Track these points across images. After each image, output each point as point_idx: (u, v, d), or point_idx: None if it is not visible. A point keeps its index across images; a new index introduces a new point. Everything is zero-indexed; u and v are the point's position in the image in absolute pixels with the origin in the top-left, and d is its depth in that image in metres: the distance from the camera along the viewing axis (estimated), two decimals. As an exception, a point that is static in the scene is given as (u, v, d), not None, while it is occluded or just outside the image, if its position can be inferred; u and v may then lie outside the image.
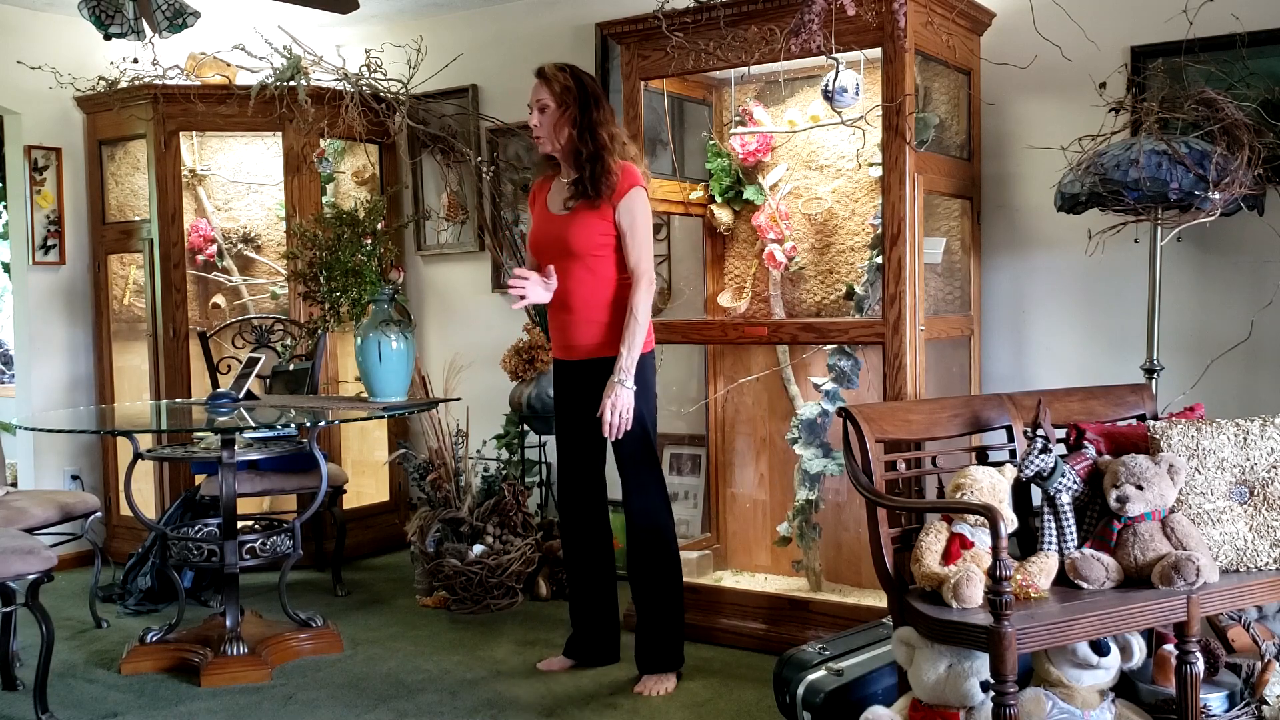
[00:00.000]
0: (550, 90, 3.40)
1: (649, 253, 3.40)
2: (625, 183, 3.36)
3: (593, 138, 3.36)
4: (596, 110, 3.38)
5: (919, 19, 3.47)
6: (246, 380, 4.19)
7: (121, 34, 3.64)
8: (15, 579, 3.26)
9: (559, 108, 3.39)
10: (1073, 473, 2.72)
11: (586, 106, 3.38)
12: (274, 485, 4.49)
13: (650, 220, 3.41)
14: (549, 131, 3.41)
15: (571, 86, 3.39)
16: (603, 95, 3.45)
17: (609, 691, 3.49)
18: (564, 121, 3.39)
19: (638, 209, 3.37)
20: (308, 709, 3.40)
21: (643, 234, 3.38)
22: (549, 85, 3.40)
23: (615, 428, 3.34)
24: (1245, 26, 3.46)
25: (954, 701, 2.57)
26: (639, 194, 3.37)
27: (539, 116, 3.42)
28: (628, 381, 3.34)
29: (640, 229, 3.37)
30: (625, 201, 3.35)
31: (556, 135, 3.41)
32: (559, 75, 3.41)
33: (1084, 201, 3.32)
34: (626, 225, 3.36)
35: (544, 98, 3.41)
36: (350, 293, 4.07)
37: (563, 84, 3.39)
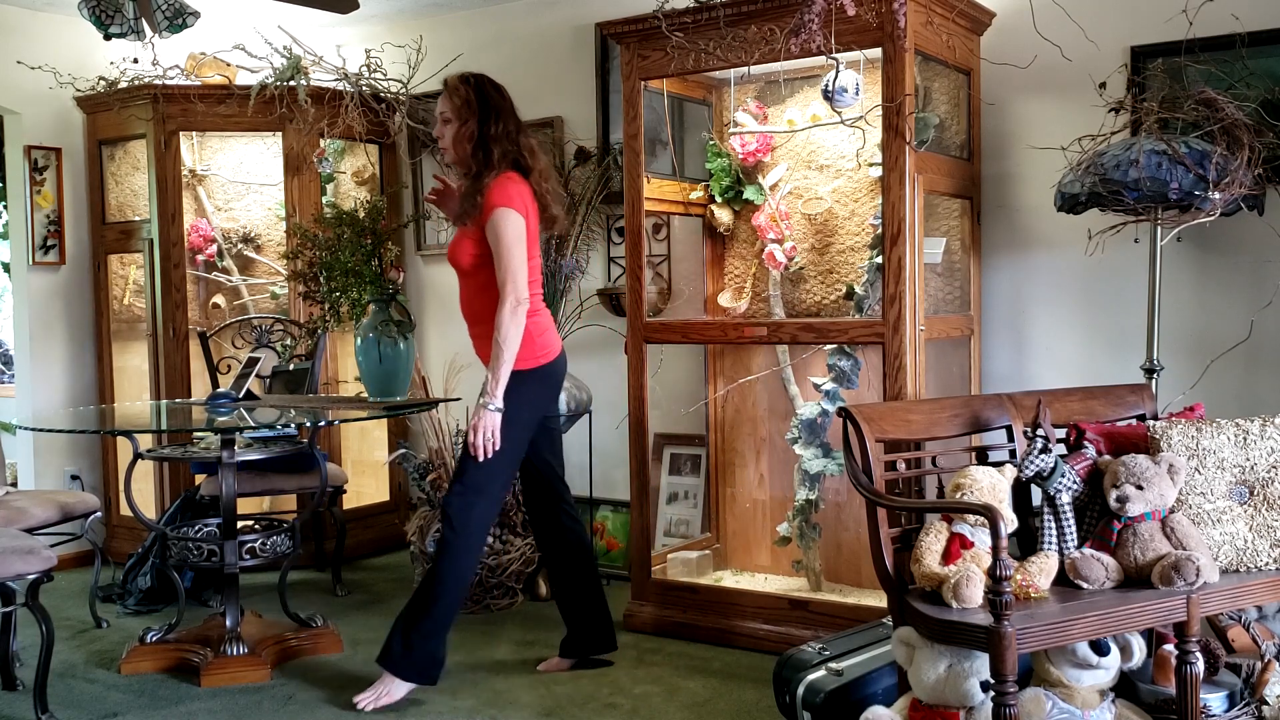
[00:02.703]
0: (450, 103, 3.37)
1: (514, 273, 3.27)
2: (489, 201, 3.29)
3: (485, 154, 3.32)
4: (495, 124, 3.33)
5: (919, 19, 3.47)
6: (246, 380, 4.19)
7: (121, 34, 3.64)
8: (15, 579, 3.25)
9: (458, 122, 3.36)
10: (1073, 473, 2.72)
11: (485, 120, 3.33)
12: (274, 485, 4.49)
13: (518, 241, 3.28)
14: (449, 145, 3.39)
15: (472, 100, 3.34)
16: (506, 108, 3.39)
17: (609, 692, 3.49)
18: (462, 136, 3.36)
19: (500, 227, 3.27)
20: (308, 709, 3.40)
21: (506, 253, 3.27)
22: (449, 98, 3.37)
23: (479, 449, 3.29)
24: (1245, 26, 3.46)
25: (954, 701, 2.57)
26: (502, 214, 3.27)
27: (441, 128, 3.40)
28: (491, 404, 3.28)
29: (504, 248, 3.27)
30: (490, 221, 3.29)
31: (456, 149, 3.39)
32: (460, 88, 3.36)
33: (1084, 201, 3.32)
34: (491, 245, 3.29)
35: (446, 111, 3.38)
36: (350, 293, 4.06)
37: (463, 97, 3.35)
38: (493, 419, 3.30)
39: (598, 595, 3.69)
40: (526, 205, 3.34)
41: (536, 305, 3.43)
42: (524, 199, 3.34)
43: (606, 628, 3.71)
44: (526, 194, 3.36)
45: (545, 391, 3.49)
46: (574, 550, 3.67)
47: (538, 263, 3.46)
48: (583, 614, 3.67)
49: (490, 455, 3.31)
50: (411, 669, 3.39)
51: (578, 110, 4.95)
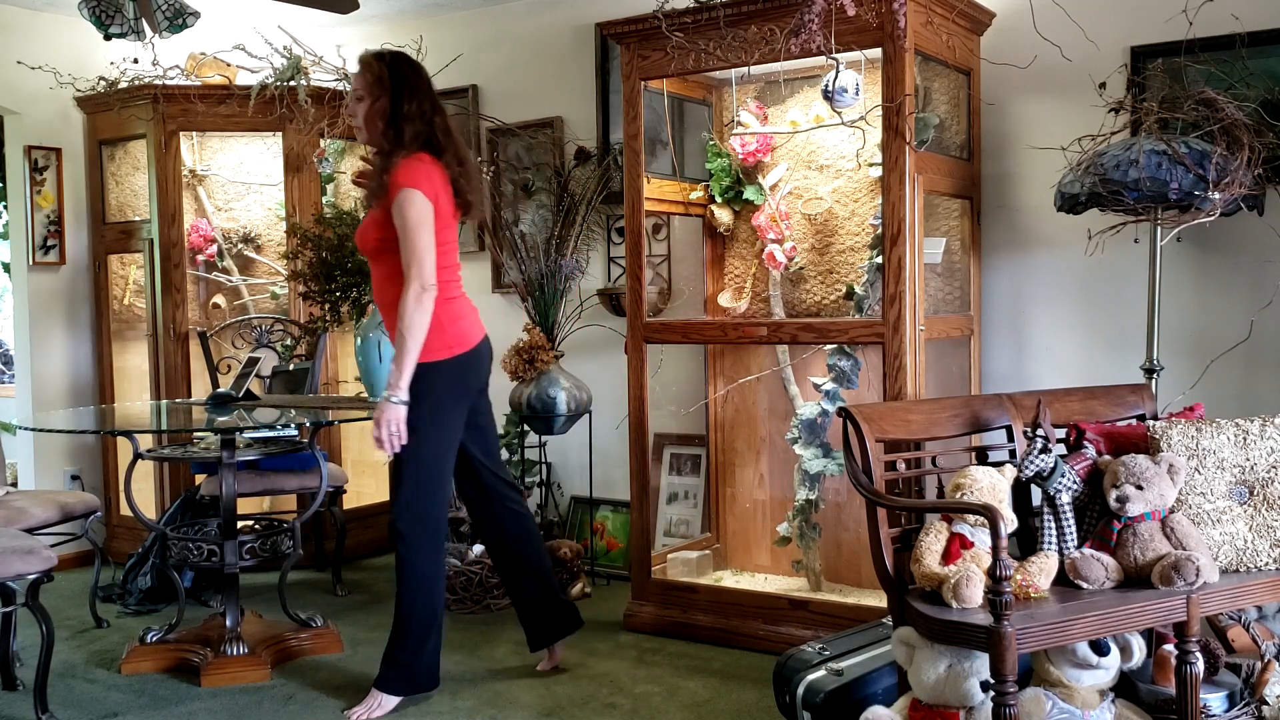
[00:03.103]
0: (363, 80, 3.24)
1: (419, 257, 3.13)
2: (394, 182, 3.16)
3: (395, 133, 3.21)
4: (407, 103, 3.20)
5: (919, 19, 3.47)
6: (246, 380, 4.19)
7: (121, 34, 3.65)
8: (15, 579, 3.25)
9: (370, 99, 3.23)
10: (1073, 473, 2.72)
11: (398, 98, 3.20)
12: (274, 485, 4.49)
13: (422, 223, 3.14)
14: (362, 123, 3.26)
15: (384, 77, 3.22)
16: (421, 87, 3.26)
17: (609, 691, 3.49)
18: (374, 113, 3.23)
19: (406, 209, 3.13)
20: (308, 709, 3.40)
21: (412, 236, 3.13)
22: (363, 75, 3.24)
23: (384, 443, 3.17)
24: (1245, 26, 3.46)
25: (954, 701, 2.57)
26: (407, 195, 3.14)
27: (354, 105, 3.27)
28: (394, 396, 3.15)
29: (410, 230, 3.13)
30: (395, 202, 3.15)
31: (370, 127, 3.26)
32: (373, 64, 3.24)
33: (1084, 201, 3.32)
34: (398, 227, 3.16)
35: (358, 87, 3.25)
36: (350, 293, 4.07)
37: (375, 74, 3.22)
38: (395, 412, 3.15)
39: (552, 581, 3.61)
40: (436, 188, 3.20)
41: (452, 292, 3.30)
42: (433, 181, 3.20)
43: (569, 609, 3.65)
44: (436, 176, 3.22)
45: (464, 384, 3.34)
46: (521, 541, 3.56)
47: (453, 248, 3.33)
48: (542, 604, 3.60)
49: (398, 449, 3.19)
50: (404, 684, 3.36)
51: (578, 110, 4.95)
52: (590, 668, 3.71)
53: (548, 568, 3.65)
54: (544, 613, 3.62)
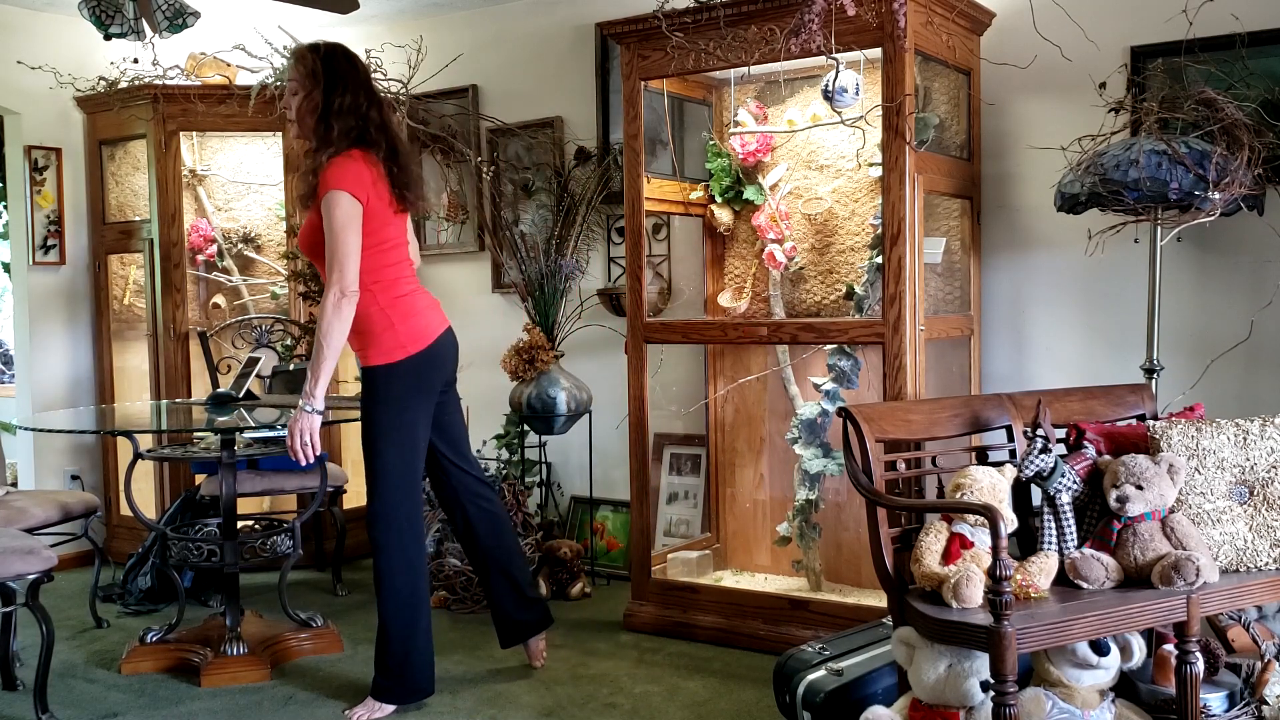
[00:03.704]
0: (296, 72, 3.14)
1: (340, 261, 3.04)
2: (322, 183, 3.08)
3: (325, 129, 3.11)
4: (340, 96, 3.10)
5: (919, 19, 3.47)
6: (246, 380, 4.19)
7: (121, 34, 3.65)
8: (15, 579, 3.25)
9: (303, 93, 3.13)
10: (1073, 473, 2.72)
11: (330, 91, 3.10)
12: (274, 485, 4.49)
13: (346, 226, 3.05)
14: (296, 117, 3.16)
15: (317, 70, 3.11)
16: (357, 80, 3.15)
17: (609, 691, 3.49)
18: (306, 108, 3.14)
19: (331, 211, 3.04)
20: (308, 709, 3.40)
21: (336, 239, 3.04)
22: (296, 68, 3.14)
23: (297, 452, 3.09)
24: (1245, 26, 3.46)
25: (954, 701, 2.57)
26: (331, 197, 3.05)
27: (289, 99, 3.17)
28: (308, 405, 3.08)
29: (334, 234, 3.04)
30: (323, 204, 3.07)
31: (302, 123, 3.17)
32: (306, 56, 3.14)
33: (1084, 201, 3.32)
34: (325, 230, 3.07)
35: (293, 80, 3.14)
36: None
37: (309, 66, 3.12)
38: (308, 421, 3.08)
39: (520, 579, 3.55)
40: (366, 186, 3.10)
41: (403, 289, 3.23)
42: (362, 179, 3.09)
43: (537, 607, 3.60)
44: (366, 174, 3.11)
45: (425, 381, 3.28)
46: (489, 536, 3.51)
47: (399, 244, 3.24)
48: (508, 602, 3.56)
49: (311, 459, 3.11)
50: (400, 694, 3.34)
51: (578, 110, 4.95)
52: (590, 668, 3.71)
53: (519, 565, 3.59)
54: (511, 611, 3.58)
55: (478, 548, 3.55)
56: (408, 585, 3.30)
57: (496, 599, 3.58)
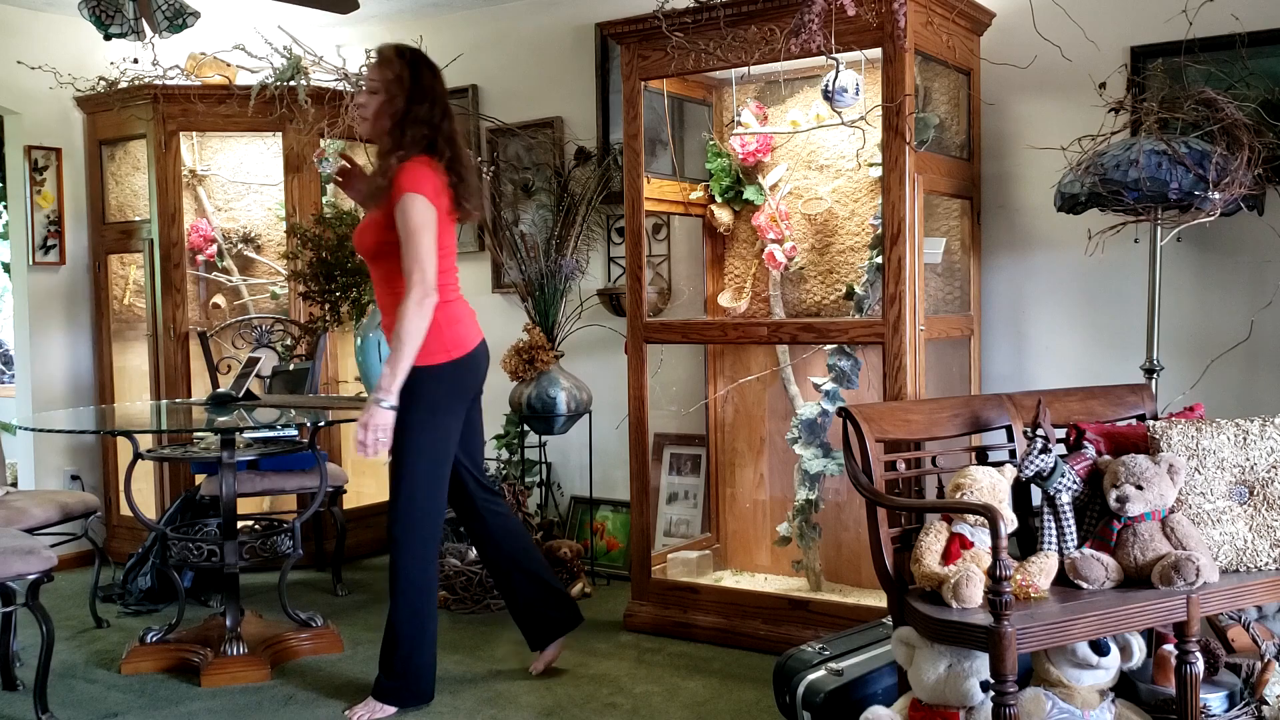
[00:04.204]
0: (381, 75, 3.21)
1: (421, 263, 3.11)
2: (399, 186, 3.14)
3: (400, 134, 3.19)
4: (420, 105, 3.19)
5: (919, 19, 3.47)
6: (246, 380, 4.19)
7: (121, 34, 3.64)
8: (15, 579, 3.25)
9: (386, 96, 3.21)
10: (1073, 473, 2.72)
11: (414, 101, 3.19)
12: (274, 485, 4.49)
13: (425, 228, 3.13)
14: (371, 116, 3.24)
15: (405, 78, 3.19)
16: (438, 93, 3.25)
17: (609, 691, 3.49)
18: (385, 111, 3.21)
19: (409, 213, 3.12)
20: (308, 709, 3.40)
21: (415, 241, 3.12)
22: (381, 70, 3.21)
23: (367, 447, 3.11)
24: (1245, 26, 3.46)
25: (954, 701, 2.57)
26: (410, 200, 3.12)
27: (366, 98, 3.24)
28: (385, 401, 3.11)
29: (412, 235, 3.12)
30: (398, 206, 3.14)
31: (376, 123, 3.24)
32: (395, 62, 3.21)
33: (1084, 201, 3.32)
34: (400, 231, 3.14)
35: (374, 80, 3.22)
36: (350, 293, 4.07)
37: (396, 73, 3.20)
38: (383, 417, 3.11)
39: (546, 577, 3.58)
40: (437, 191, 3.19)
41: (450, 295, 3.29)
42: (434, 184, 3.18)
43: (567, 604, 3.62)
44: (437, 180, 3.20)
45: (461, 387, 3.32)
46: (501, 536, 3.53)
47: (452, 251, 3.32)
48: (538, 601, 3.58)
49: (379, 455, 3.14)
50: (403, 696, 3.35)
51: (578, 110, 4.95)
52: (590, 668, 3.71)
53: (542, 563, 3.62)
54: (546, 609, 3.59)
55: (500, 554, 3.56)
56: (423, 588, 3.31)
57: (526, 601, 3.58)
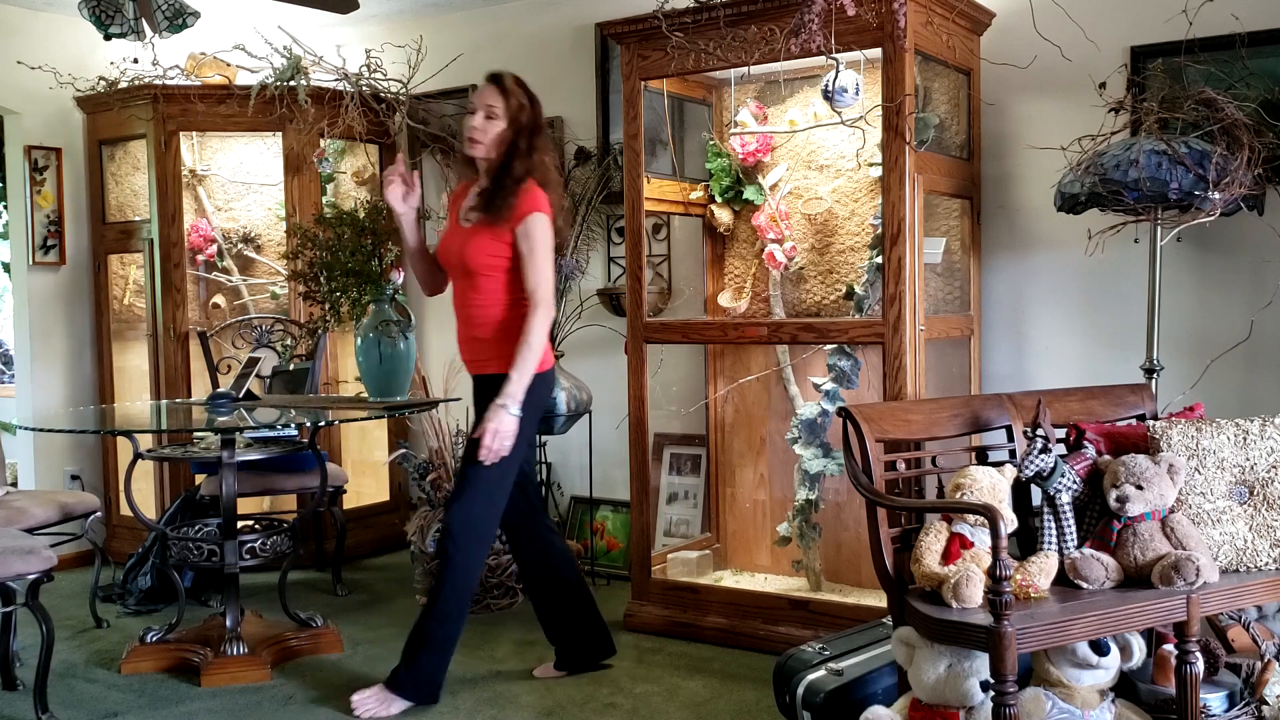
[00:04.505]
0: (505, 103, 3.36)
1: (547, 279, 3.32)
2: (525, 206, 3.30)
3: (522, 162, 3.34)
4: (535, 136, 3.37)
5: (919, 19, 3.47)
6: (246, 380, 4.19)
7: (121, 34, 3.64)
8: (15, 579, 3.25)
9: (507, 123, 3.35)
10: (1073, 473, 2.72)
11: (531, 131, 3.36)
12: (274, 485, 4.49)
13: (550, 246, 3.34)
14: (491, 139, 3.36)
15: (526, 106, 3.37)
16: (541, 122, 3.43)
17: (609, 692, 3.49)
18: (504, 136, 3.35)
19: (536, 233, 3.29)
20: (308, 709, 3.40)
21: (541, 259, 3.31)
22: (505, 97, 3.36)
23: (492, 452, 3.24)
24: (1245, 26, 3.46)
25: (954, 701, 2.57)
26: (538, 219, 3.30)
27: (483, 121, 3.36)
28: (512, 408, 3.26)
29: (539, 254, 3.30)
30: (524, 225, 3.29)
31: (492, 149, 3.37)
32: (517, 91, 3.38)
33: (1084, 201, 3.32)
34: (525, 250, 3.30)
35: (497, 108, 3.35)
36: (350, 293, 4.06)
37: (519, 101, 3.37)
38: (511, 423, 3.26)
39: (590, 601, 3.65)
40: (552, 214, 3.38)
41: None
42: (550, 208, 3.37)
43: (605, 633, 3.68)
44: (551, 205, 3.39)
45: (541, 401, 3.46)
46: (561, 560, 3.60)
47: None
48: (580, 624, 3.62)
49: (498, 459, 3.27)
50: (417, 692, 3.37)
51: (578, 110, 4.95)
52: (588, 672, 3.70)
53: (586, 584, 3.67)
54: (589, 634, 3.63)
55: (558, 567, 3.59)
56: (467, 590, 3.38)
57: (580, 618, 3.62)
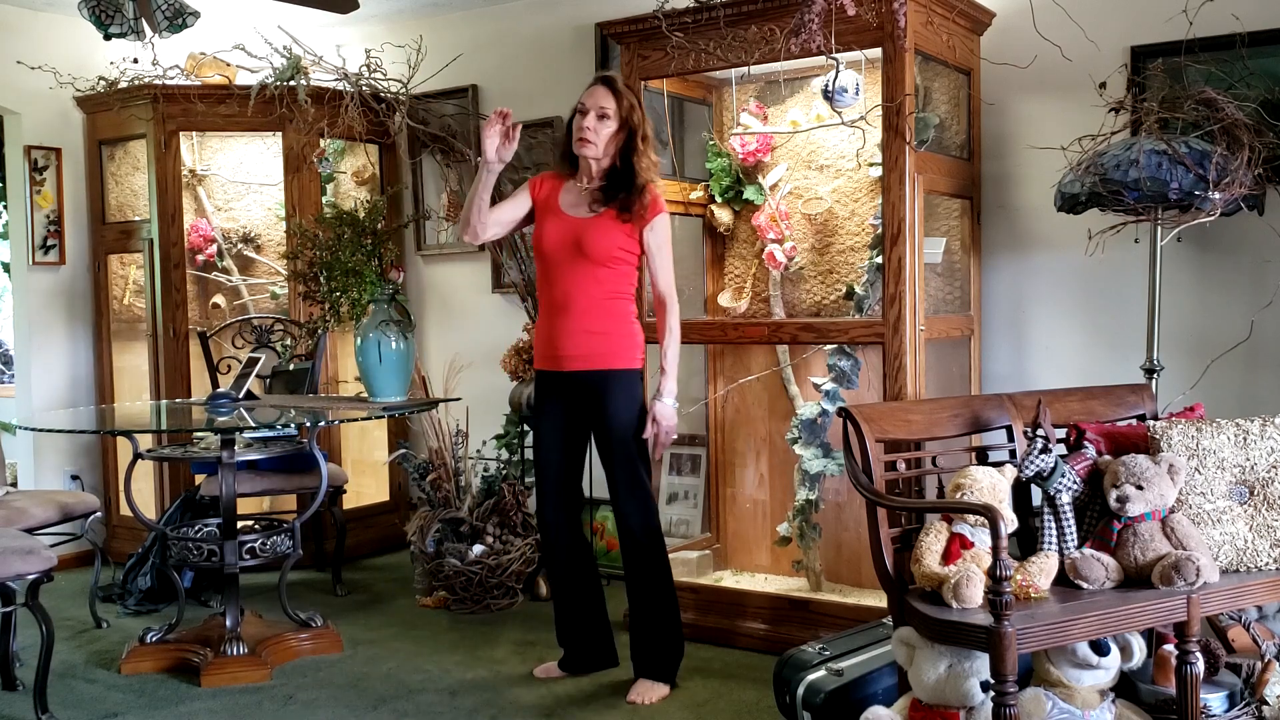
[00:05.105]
0: (618, 104, 3.40)
1: (672, 277, 3.46)
2: (656, 206, 3.41)
3: (638, 162, 3.40)
4: (647, 136, 3.44)
5: (919, 19, 3.47)
6: (246, 380, 4.19)
7: (121, 34, 3.64)
8: (15, 579, 3.25)
9: (619, 125, 3.40)
10: (1073, 473, 2.72)
11: (643, 135, 3.42)
12: (274, 485, 4.49)
13: (671, 246, 3.48)
14: (602, 140, 3.40)
15: (637, 108, 3.43)
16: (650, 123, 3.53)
17: (609, 692, 3.49)
18: (616, 138, 3.40)
19: (666, 231, 3.44)
20: (308, 709, 3.40)
21: (669, 257, 3.45)
22: (618, 99, 3.40)
23: (665, 444, 3.44)
24: (1245, 26, 3.46)
25: (954, 701, 2.57)
26: (666, 219, 3.44)
27: (596, 122, 3.39)
28: (670, 400, 3.41)
29: (667, 251, 3.44)
30: (655, 223, 3.39)
31: (607, 146, 3.41)
32: (628, 93, 3.44)
33: (1084, 201, 3.32)
34: (655, 247, 3.41)
35: (609, 109, 3.39)
36: (350, 293, 4.06)
37: (630, 104, 3.42)
38: (674, 415, 3.43)
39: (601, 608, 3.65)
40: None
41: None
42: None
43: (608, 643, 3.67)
44: None
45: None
46: (586, 562, 3.62)
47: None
48: (594, 629, 3.62)
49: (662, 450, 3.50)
50: (674, 673, 3.51)
51: (578, 110, 4.94)
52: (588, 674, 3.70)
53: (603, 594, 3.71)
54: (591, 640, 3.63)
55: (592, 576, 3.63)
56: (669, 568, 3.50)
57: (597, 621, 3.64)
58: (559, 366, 3.45)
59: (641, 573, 3.45)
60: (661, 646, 3.47)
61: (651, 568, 3.45)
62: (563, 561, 3.58)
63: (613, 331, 3.40)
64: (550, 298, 3.46)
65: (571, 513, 3.57)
